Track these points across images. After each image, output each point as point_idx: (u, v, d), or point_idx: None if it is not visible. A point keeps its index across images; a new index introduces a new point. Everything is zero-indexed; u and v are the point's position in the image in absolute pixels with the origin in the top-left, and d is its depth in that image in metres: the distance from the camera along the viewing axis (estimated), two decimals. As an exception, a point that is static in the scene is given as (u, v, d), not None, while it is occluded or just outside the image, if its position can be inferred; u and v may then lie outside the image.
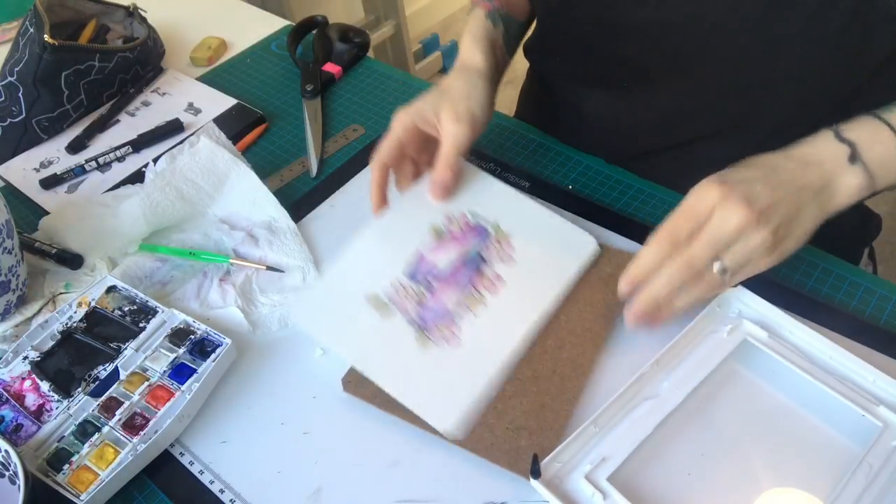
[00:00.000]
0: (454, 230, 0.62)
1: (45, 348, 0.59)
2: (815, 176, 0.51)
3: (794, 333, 0.54)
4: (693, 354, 0.54)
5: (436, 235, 0.61)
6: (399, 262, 0.60)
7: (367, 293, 0.58)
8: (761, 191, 0.49)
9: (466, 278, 0.59)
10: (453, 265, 0.59)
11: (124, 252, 0.67)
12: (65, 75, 0.81)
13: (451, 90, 0.63)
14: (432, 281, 0.58)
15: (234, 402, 0.57)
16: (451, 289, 0.58)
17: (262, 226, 0.69)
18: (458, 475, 0.51)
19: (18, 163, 0.81)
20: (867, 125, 0.53)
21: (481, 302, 0.57)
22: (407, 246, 0.60)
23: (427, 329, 0.56)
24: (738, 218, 0.48)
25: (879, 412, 0.49)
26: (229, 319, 0.62)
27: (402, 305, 0.57)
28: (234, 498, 0.52)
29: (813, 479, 0.48)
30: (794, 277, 0.61)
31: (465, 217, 0.62)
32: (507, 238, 0.61)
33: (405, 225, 0.62)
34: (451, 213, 0.63)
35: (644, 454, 0.50)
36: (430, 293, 0.58)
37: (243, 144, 0.80)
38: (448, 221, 0.62)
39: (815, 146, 0.53)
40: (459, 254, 0.60)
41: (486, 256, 0.60)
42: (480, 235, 0.61)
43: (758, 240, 0.48)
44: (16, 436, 0.55)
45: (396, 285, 0.58)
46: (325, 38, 0.93)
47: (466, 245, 0.61)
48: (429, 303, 0.57)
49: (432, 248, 0.60)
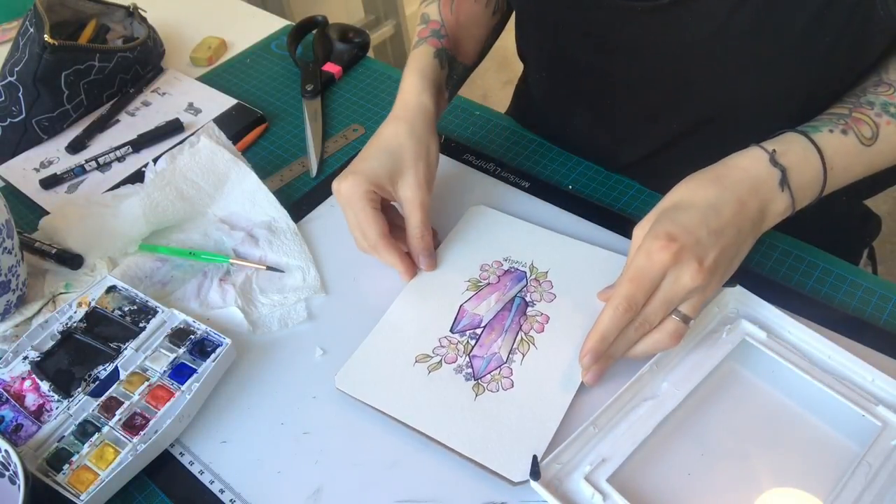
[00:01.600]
0: (490, 279, 0.62)
1: (45, 348, 0.60)
2: (753, 208, 0.51)
3: (793, 333, 0.54)
4: (692, 355, 0.54)
5: (474, 288, 0.61)
6: (441, 319, 0.59)
7: (415, 353, 0.57)
8: (707, 242, 0.49)
9: (512, 322, 0.58)
10: (495, 312, 0.59)
11: (124, 252, 0.67)
12: (65, 75, 0.81)
13: (403, 151, 0.60)
14: (477, 330, 0.58)
15: (234, 402, 0.57)
16: (497, 335, 0.58)
17: (262, 226, 0.69)
18: (458, 475, 0.51)
19: (18, 163, 0.82)
20: (798, 147, 0.53)
21: (531, 343, 0.57)
22: (447, 303, 0.60)
23: (479, 377, 0.55)
24: (692, 278, 0.49)
25: (878, 412, 0.49)
26: (229, 319, 0.62)
27: (451, 358, 0.57)
28: (234, 498, 0.52)
29: (812, 479, 0.48)
30: (794, 277, 0.61)
31: (499, 264, 0.63)
32: (544, 276, 0.61)
33: (441, 283, 0.62)
34: (485, 262, 0.63)
35: (644, 455, 0.50)
36: (477, 342, 0.57)
37: (243, 144, 0.80)
38: (483, 272, 0.62)
39: (748, 170, 0.52)
40: (498, 300, 0.60)
41: (528, 299, 0.60)
42: (518, 279, 0.62)
43: (711, 289, 0.51)
44: (16, 436, 0.55)
45: (443, 341, 0.58)
46: (325, 37, 0.93)
47: (504, 290, 0.61)
48: (476, 351, 0.57)
49: (472, 300, 0.60)
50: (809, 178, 0.53)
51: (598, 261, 0.62)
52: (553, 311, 0.59)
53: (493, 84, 2.34)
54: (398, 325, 0.59)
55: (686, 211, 0.51)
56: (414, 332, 0.58)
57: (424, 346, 0.57)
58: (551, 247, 0.64)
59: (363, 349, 0.58)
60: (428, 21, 0.70)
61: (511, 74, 2.35)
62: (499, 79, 2.35)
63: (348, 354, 0.58)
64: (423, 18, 0.71)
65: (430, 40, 0.68)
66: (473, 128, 0.80)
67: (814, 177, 0.53)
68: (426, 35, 0.69)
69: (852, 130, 0.54)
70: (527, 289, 0.61)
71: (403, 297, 0.61)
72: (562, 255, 0.63)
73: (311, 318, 0.63)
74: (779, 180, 0.52)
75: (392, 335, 0.59)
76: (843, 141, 0.54)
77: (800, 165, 0.52)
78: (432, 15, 0.71)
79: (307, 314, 0.62)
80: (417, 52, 0.68)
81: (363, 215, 0.59)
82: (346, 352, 0.58)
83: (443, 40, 0.68)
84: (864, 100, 0.56)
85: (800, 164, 0.52)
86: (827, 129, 0.54)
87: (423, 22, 0.71)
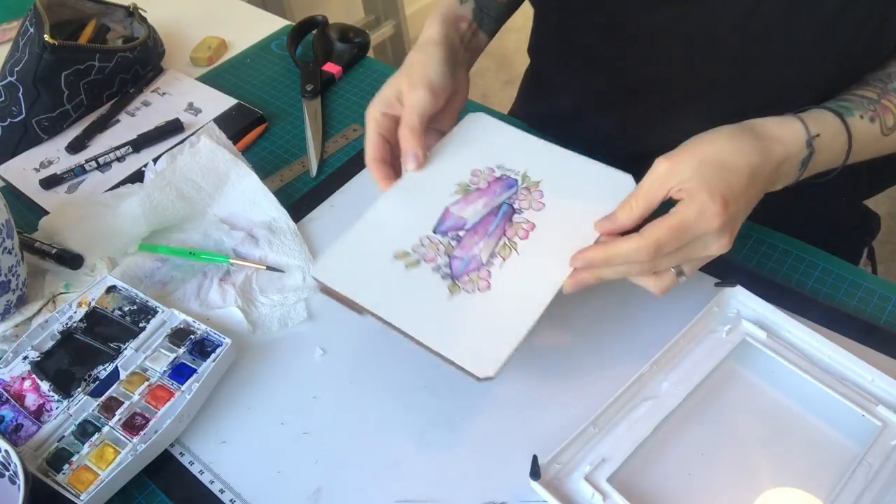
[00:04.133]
0: (480, 184, 0.60)
1: (45, 348, 0.60)
2: (771, 182, 0.51)
3: (793, 333, 0.54)
4: (692, 355, 0.54)
5: (462, 191, 0.60)
6: (425, 219, 0.58)
7: (394, 250, 0.56)
8: (742, 215, 0.49)
9: (497, 227, 0.57)
10: (481, 216, 0.58)
11: (124, 252, 0.68)
12: (65, 75, 0.81)
13: (406, 65, 0.62)
14: (460, 232, 0.57)
15: (233, 402, 0.58)
16: (480, 238, 0.57)
17: (262, 226, 0.69)
18: (457, 475, 0.51)
19: (18, 163, 0.81)
20: (830, 131, 0.52)
21: (513, 249, 0.56)
22: (433, 204, 0.59)
23: (457, 277, 0.55)
24: (718, 249, 0.49)
25: (878, 412, 0.49)
26: (229, 319, 0.62)
27: (430, 257, 0.56)
28: (234, 498, 0.52)
29: (812, 479, 0.48)
30: (794, 277, 0.61)
31: (491, 171, 0.61)
32: (536, 185, 0.60)
33: (430, 185, 0.60)
34: (477, 168, 0.61)
35: (643, 455, 0.50)
36: (458, 244, 0.57)
37: (243, 144, 0.80)
38: (473, 177, 0.61)
39: (786, 145, 0.51)
40: (486, 205, 0.59)
41: (516, 206, 0.59)
42: (509, 186, 0.60)
43: (721, 251, 0.50)
44: (16, 436, 0.55)
45: (424, 240, 0.57)
46: (325, 37, 0.93)
47: (493, 196, 0.59)
48: (457, 252, 0.56)
49: (459, 203, 0.59)
50: (825, 161, 0.52)
51: (593, 175, 0.60)
52: (540, 220, 0.57)
53: (492, 84, 2.34)
54: (381, 221, 0.58)
55: (735, 174, 0.49)
56: (396, 230, 0.57)
57: (405, 243, 0.56)
58: (547, 157, 0.62)
59: (343, 242, 0.57)
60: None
61: (511, 74, 2.35)
62: (499, 79, 2.35)
63: (348, 354, 0.58)
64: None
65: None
66: (473, 128, 0.80)
67: (828, 160, 0.53)
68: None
69: (879, 118, 0.53)
70: (516, 196, 0.59)
71: (389, 195, 0.60)
72: (557, 166, 0.61)
73: (311, 318, 0.63)
74: (802, 160, 0.51)
75: (374, 230, 0.58)
76: (869, 129, 0.53)
77: (825, 151, 0.52)
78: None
79: (307, 314, 0.62)
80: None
81: (366, 138, 0.61)
82: (346, 352, 0.58)
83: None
84: (892, 86, 0.55)
85: (825, 150, 0.52)
86: (858, 115, 0.53)
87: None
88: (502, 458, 0.52)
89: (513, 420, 0.54)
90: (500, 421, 0.54)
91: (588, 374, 0.56)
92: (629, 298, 0.60)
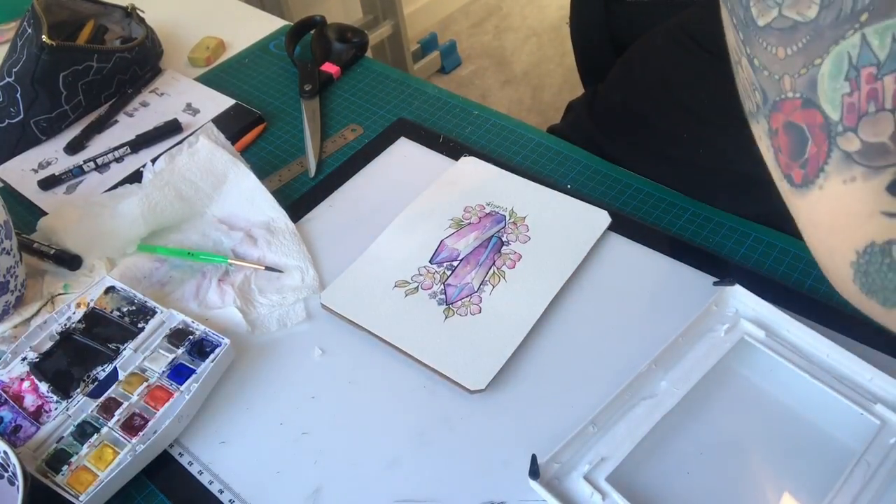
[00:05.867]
0: (472, 219, 0.68)
1: (43, 349, 0.60)
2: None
3: (792, 332, 0.54)
4: (691, 354, 0.54)
5: (456, 226, 0.67)
6: (423, 251, 0.65)
7: (395, 279, 0.63)
8: None
9: (487, 258, 0.64)
10: (473, 248, 0.65)
11: (123, 252, 0.67)
12: (63, 76, 0.81)
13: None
14: (454, 263, 0.64)
15: (233, 403, 0.57)
16: (472, 267, 0.63)
17: (260, 226, 0.69)
18: (457, 475, 0.52)
19: (16, 163, 0.81)
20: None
21: (501, 277, 0.63)
22: (429, 237, 0.66)
23: (451, 302, 0.61)
24: None
25: (877, 410, 0.49)
26: (228, 320, 0.62)
27: (427, 285, 0.62)
28: (234, 498, 0.52)
29: (811, 477, 0.48)
30: (793, 276, 0.61)
31: (482, 207, 0.69)
32: (522, 220, 0.67)
33: (426, 221, 0.68)
34: (469, 205, 0.69)
35: (642, 454, 0.50)
36: (453, 272, 0.63)
37: (242, 145, 0.80)
38: (466, 213, 0.68)
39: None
40: (477, 238, 0.66)
41: (504, 239, 0.66)
42: (498, 221, 0.67)
43: None
44: (15, 437, 0.55)
45: (422, 270, 0.64)
46: (323, 37, 0.93)
47: (484, 230, 0.66)
48: (451, 280, 0.63)
49: (452, 236, 0.66)
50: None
51: (573, 211, 0.67)
52: (526, 251, 0.64)
53: (492, 84, 2.34)
54: (382, 254, 0.65)
55: None
56: (396, 262, 0.64)
57: (404, 273, 0.63)
58: (532, 195, 0.69)
59: (349, 273, 0.64)
60: None
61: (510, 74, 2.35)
62: (497, 79, 2.36)
63: (347, 354, 0.58)
64: None
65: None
66: (472, 127, 0.80)
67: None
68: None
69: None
70: (504, 230, 0.66)
71: (390, 231, 0.67)
72: (541, 203, 0.68)
73: (310, 318, 0.63)
74: None
75: (376, 263, 0.65)
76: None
77: None
78: None
79: (306, 314, 0.62)
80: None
81: None
82: (345, 352, 0.59)
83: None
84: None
85: None
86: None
87: None
88: (501, 458, 0.52)
89: (512, 419, 0.54)
90: (499, 420, 0.54)
91: (587, 374, 0.56)
92: (628, 298, 0.60)
